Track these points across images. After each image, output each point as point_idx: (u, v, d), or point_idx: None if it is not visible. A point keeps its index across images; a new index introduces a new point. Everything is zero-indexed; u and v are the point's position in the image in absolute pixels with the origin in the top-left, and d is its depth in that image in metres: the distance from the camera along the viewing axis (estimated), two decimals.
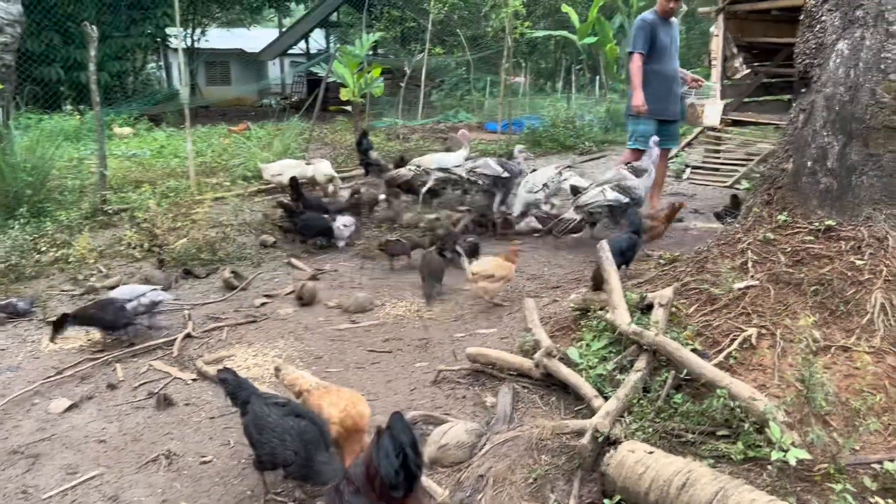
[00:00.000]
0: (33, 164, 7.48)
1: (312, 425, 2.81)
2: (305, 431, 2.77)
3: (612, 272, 3.70)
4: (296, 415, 2.85)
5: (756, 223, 3.85)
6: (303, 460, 2.71)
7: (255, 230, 7.05)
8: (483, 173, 7.30)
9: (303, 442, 2.74)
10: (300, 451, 2.71)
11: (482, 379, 3.71)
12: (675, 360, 3.07)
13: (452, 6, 19.96)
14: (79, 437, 3.39)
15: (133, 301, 4.43)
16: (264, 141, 12.31)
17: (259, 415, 2.84)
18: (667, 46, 7.14)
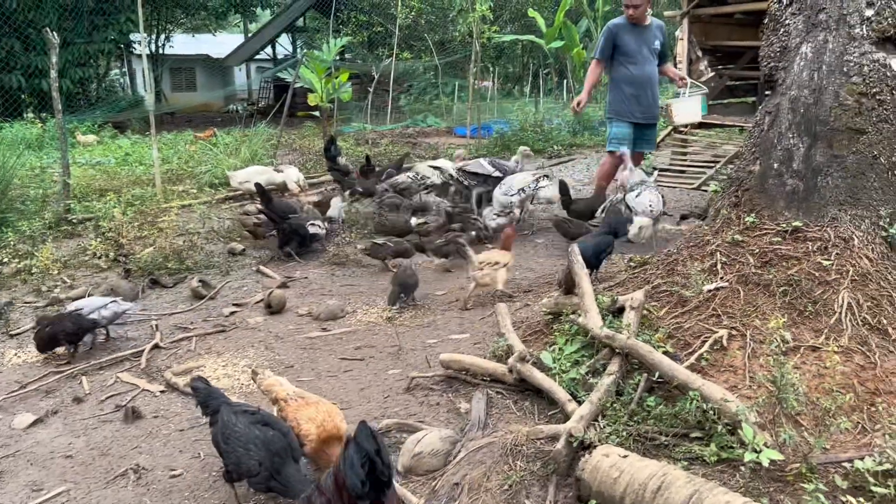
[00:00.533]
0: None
1: (281, 436, 2.77)
2: (272, 441, 2.73)
3: (583, 276, 3.71)
4: (263, 423, 2.81)
5: (724, 225, 3.88)
6: (268, 471, 2.67)
7: (223, 238, 6.96)
8: (473, 172, 7.28)
9: (269, 452, 2.70)
10: (265, 462, 2.66)
11: (456, 385, 3.70)
12: (647, 363, 3.08)
13: (419, 11, 20.01)
14: (44, 453, 3.31)
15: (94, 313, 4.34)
16: (231, 147, 12.19)
17: (227, 423, 2.80)
18: (636, 51, 7.15)
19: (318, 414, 2.95)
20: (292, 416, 2.95)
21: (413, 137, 16.36)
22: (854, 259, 3.40)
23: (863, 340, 3.12)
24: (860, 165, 3.57)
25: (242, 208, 8.49)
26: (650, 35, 7.18)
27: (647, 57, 7.17)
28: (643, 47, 7.15)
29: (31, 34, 16.60)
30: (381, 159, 11.13)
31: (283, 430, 2.80)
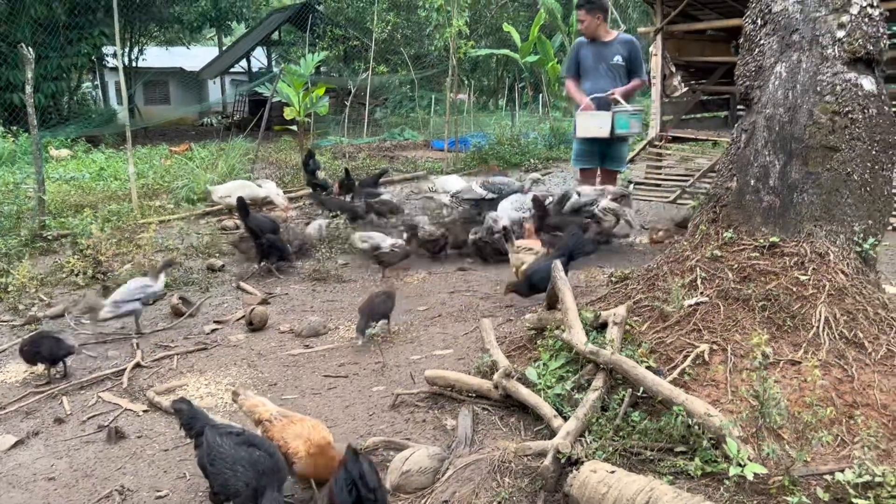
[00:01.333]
0: None
1: (268, 456, 2.76)
2: (258, 462, 2.72)
3: (566, 291, 3.75)
4: (249, 444, 2.80)
5: (703, 240, 3.95)
6: (253, 492, 2.65)
7: (201, 254, 6.93)
8: (467, 198, 7.31)
9: (256, 472, 2.69)
10: (252, 483, 2.65)
11: (441, 402, 3.71)
12: (630, 378, 3.12)
13: (395, 25, 20.11)
14: (26, 476, 3.27)
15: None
16: (207, 161, 12.15)
17: (212, 445, 2.78)
18: (591, 67, 7.32)
19: (304, 429, 2.95)
20: (278, 436, 2.95)
21: (390, 151, 16.42)
22: (830, 274, 3.48)
23: (840, 354, 3.19)
24: (834, 182, 3.66)
25: (220, 223, 8.48)
26: (609, 51, 7.27)
27: (603, 73, 7.25)
28: (600, 63, 7.28)
29: (2, 48, 16.44)
30: (359, 173, 11.15)
31: (269, 451, 2.79)
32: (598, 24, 7.28)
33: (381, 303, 4.84)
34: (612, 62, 7.25)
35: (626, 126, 7.03)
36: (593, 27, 7.27)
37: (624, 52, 7.24)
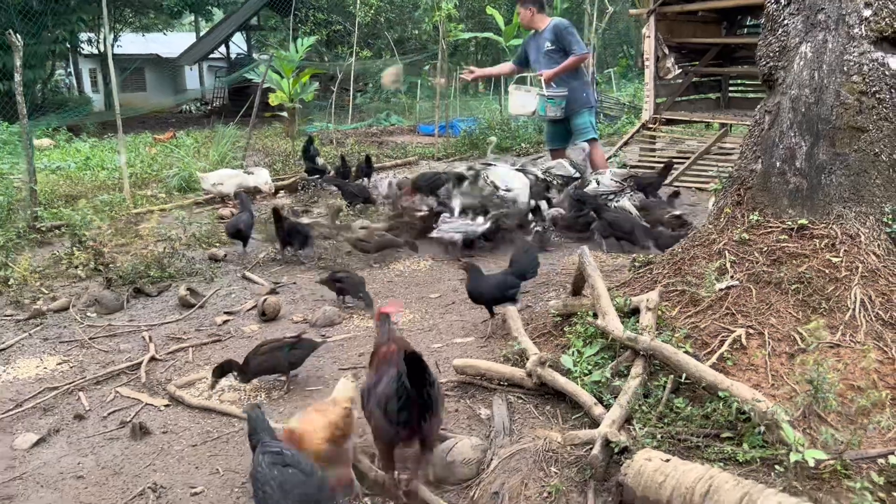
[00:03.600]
0: None
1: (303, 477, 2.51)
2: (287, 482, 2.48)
3: (596, 278, 3.71)
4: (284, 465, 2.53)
5: (729, 223, 3.93)
6: None
7: (202, 244, 6.81)
8: (560, 175, 7.23)
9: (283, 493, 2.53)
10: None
11: (471, 391, 3.67)
12: (672, 365, 3.09)
13: (378, 9, 19.90)
14: (53, 475, 3.19)
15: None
16: (194, 149, 11.96)
17: (254, 463, 2.59)
18: (534, 57, 8.00)
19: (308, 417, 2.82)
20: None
21: (377, 136, 16.28)
22: (862, 255, 3.47)
23: (878, 336, 3.18)
24: (862, 163, 3.64)
25: (216, 212, 8.35)
26: (542, 39, 7.81)
27: (543, 62, 7.79)
28: (539, 53, 7.87)
29: None
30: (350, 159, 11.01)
31: (306, 471, 2.54)
32: (531, 16, 7.85)
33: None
34: (545, 49, 7.77)
35: (542, 110, 7.69)
36: (528, 19, 7.90)
37: (551, 37, 7.69)
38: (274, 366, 3.88)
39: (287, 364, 3.89)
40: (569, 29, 7.70)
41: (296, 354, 3.92)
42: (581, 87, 7.89)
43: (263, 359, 3.84)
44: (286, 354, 3.86)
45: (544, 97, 7.60)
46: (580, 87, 7.89)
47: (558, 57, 7.66)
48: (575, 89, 7.80)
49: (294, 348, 3.90)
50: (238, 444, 3.35)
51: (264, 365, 3.85)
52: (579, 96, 7.84)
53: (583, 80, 8.03)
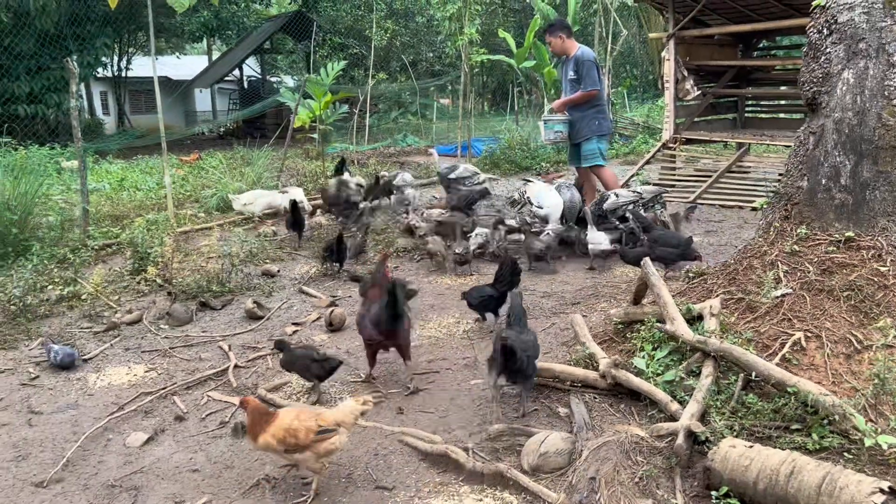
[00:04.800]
0: (17, 201, 7.36)
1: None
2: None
3: (661, 287, 4.00)
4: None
5: (778, 236, 4.23)
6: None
7: (255, 260, 7.10)
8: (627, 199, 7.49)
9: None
10: None
11: (546, 391, 3.95)
12: (741, 364, 3.38)
13: (394, 33, 20.36)
14: (170, 469, 3.46)
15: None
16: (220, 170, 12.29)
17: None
18: (562, 82, 8.35)
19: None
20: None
21: (396, 157, 16.62)
22: None
23: None
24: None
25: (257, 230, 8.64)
26: (567, 67, 8.13)
27: (567, 87, 8.17)
28: (564, 78, 8.28)
29: (5, 61, 16.44)
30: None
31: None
32: (562, 43, 8.08)
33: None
34: (568, 77, 8.12)
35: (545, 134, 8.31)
36: (559, 46, 8.13)
37: (574, 67, 8.00)
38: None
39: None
40: (588, 63, 7.91)
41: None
42: (592, 115, 8.03)
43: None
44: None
45: (545, 122, 8.13)
46: (591, 115, 8.03)
47: (578, 86, 7.95)
48: (584, 117, 8.02)
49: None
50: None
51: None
52: (589, 123, 8.03)
53: (595, 109, 8.10)
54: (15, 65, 16.88)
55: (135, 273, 6.45)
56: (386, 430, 3.70)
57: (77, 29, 18.19)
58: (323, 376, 4.11)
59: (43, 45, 17.22)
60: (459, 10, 13.19)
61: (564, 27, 8.27)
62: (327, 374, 4.12)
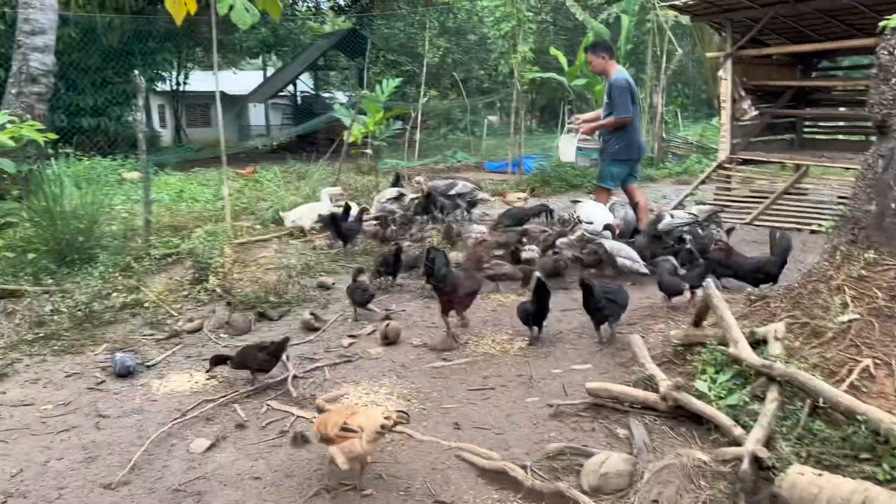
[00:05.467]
0: (85, 210, 7.61)
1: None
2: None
3: (724, 309, 3.96)
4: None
5: (844, 261, 4.14)
6: None
7: (310, 273, 7.20)
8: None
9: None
10: None
11: (604, 412, 3.93)
12: (808, 390, 3.32)
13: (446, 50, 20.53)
14: (232, 475, 3.53)
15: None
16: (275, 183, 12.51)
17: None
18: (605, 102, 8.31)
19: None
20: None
21: (446, 173, 16.71)
22: None
23: None
24: None
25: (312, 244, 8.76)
26: (606, 89, 8.20)
27: (605, 107, 8.20)
28: (605, 99, 8.29)
29: (72, 75, 17.00)
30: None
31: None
32: (603, 63, 8.15)
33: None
34: (606, 100, 8.19)
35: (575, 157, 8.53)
36: (600, 66, 8.22)
37: (609, 92, 8.07)
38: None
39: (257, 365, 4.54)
40: (621, 90, 7.94)
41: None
42: (615, 139, 8.10)
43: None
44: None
45: (578, 149, 8.26)
46: (616, 138, 8.10)
47: (610, 111, 8.06)
48: (609, 140, 8.17)
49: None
50: (391, 453, 3.65)
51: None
52: (611, 146, 8.16)
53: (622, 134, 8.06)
54: (81, 78, 17.46)
55: (195, 283, 6.60)
56: (443, 445, 3.72)
57: (140, 44, 18.77)
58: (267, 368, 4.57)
59: (107, 59, 17.81)
60: (513, 28, 13.26)
61: (607, 48, 8.39)
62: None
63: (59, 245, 7.28)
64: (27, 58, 10.22)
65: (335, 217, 8.10)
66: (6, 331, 5.67)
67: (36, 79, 10.09)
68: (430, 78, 20.80)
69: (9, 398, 4.52)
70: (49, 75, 10.38)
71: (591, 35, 20.11)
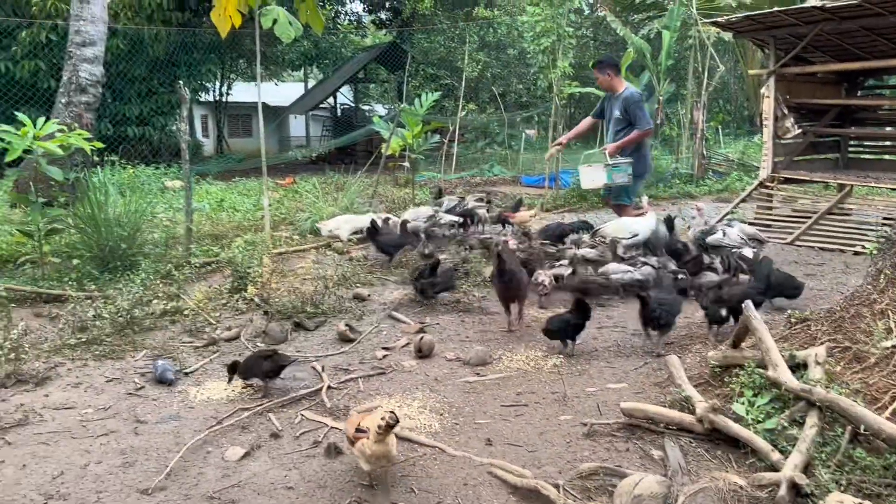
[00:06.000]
0: (128, 218, 7.77)
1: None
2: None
3: (764, 332, 3.90)
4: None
5: (889, 284, 4.07)
6: None
7: (346, 284, 7.26)
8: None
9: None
10: None
11: (638, 433, 3.88)
12: (849, 417, 3.25)
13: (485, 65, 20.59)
14: (265, 484, 3.56)
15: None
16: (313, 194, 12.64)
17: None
18: (608, 118, 8.56)
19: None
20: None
21: (482, 187, 16.74)
22: None
23: None
24: None
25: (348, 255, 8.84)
26: (614, 105, 8.32)
27: (612, 125, 8.40)
28: (610, 116, 8.43)
29: (118, 85, 17.41)
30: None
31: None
32: (610, 80, 8.36)
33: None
34: (615, 116, 8.28)
35: (610, 178, 8.21)
36: (608, 83, 8.41)
37: (621, 107, 8.19)
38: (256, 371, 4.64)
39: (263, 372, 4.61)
40: (638, 103, 8.17)
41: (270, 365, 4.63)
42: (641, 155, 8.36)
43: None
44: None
45: (610, 167, 8.16)
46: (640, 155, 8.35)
47: (624, 126, 8.21)
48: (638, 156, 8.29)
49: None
50: (426, 468, 3.66)
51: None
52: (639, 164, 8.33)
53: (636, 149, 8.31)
54: (127, 88, 17.88)
55: (234, 291, 6.69)
56: (475, 461, 3.71)
57: (185, 56, 19.17)
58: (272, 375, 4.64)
59: (153, 70, 18.22)
60: (553, 43, 13.28)
61: (613, 65, 8.63)
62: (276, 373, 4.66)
63: (103, 251, 7.46)
64: (77, 68, 10.52)
65: (374, 229, 8.19)
66: (50, 335, 5.81)
67: (85, 88, 10.36)
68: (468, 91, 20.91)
69: (51, 401, 4.62)
70: (97, 85, 10.66)
71: (631, 50, 20.07)
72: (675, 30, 18.90)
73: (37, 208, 7.25)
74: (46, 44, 15.92)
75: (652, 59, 20.84)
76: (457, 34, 23.06)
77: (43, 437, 4.12)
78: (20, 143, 7.06)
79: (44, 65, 16.05)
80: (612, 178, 8.18)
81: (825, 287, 6.97)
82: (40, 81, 16.11)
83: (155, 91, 18.57)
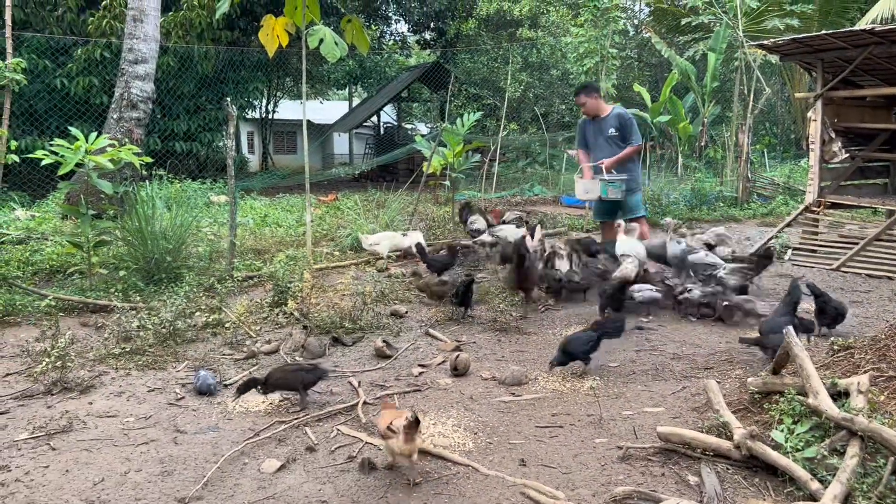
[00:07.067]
0: (174, 231, 7.96)
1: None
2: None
3: (805, 358, 3.84)
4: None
5: None
6: None
7: (384, 300, 7.32)
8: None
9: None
10: None
11: (674, 458, 3.84)
12: (892, 447, 3.17)
13: (528, 85, 20.65)
14: (300, 497, 3.60)
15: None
16: (354, 211, 12.79)
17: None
18: (593, 141, 8.71)
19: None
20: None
21: (522, 206, 16.74)
22: None
23: None
24: None
25: (388, 272, 8.90)
26: (605, 125, 8.56)
27: (602, 145, 8.56)
28: (599, 137, 8.61)
29: (167, 101, 17.85)
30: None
31: None
32: (596, 103, 8.65)
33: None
34: (608, 135, 8.51)
35: (605, 192, 8.30)
36: (594, 107, 8.67)
37: (615, 125, 8.49)
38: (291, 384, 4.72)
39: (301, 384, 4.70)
40: (631, 120, 8.55)
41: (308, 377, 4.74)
42: (634, 169, 8.72)
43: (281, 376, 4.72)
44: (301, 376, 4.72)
45: (605, 182, 8.31)
46: (634, 169, 8.69)
47: (618, 143, 8.44)
48: (629, 170, 8.54)
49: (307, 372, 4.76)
50: (459, 486, 3.66)
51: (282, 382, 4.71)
52: (635, 177, 8.66)
53: (636, 164, 8.82)
54: (176, 104, 18.33)
55: (274, 305, 6.80)
56: (508, 481, 3.70)
57: (233, 73, 19.60)
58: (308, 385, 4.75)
59: (201, 87, 18.66)
60: (596, 64, 13.28)
61: (596, 88, 9.06)
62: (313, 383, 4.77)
63: (149, 264, 7.65)
64: (129, 85, 10.85)
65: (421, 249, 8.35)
66: (95, 344, 5.97)
67: (136, 104, 10.67)
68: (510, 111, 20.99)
69: (95, 409, 4.74)
70: (148, 101, 10.96)
71: (676, 72, 19.97)
72: (721, 52, 18.77)
73: (86, 220, 7.48)
74: (100, 61, 16.42)
75: (697, 81, 20.73)
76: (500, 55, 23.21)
77: (85, 443, 4.23)
78: (73, 156, 7.31)
79: (97, 81, 16.54)
80: (607, 193, 8.35)
81: (871, 314, 6.81)
82: (93, 97, 16.60)
83: (203, 108, 19.00)
